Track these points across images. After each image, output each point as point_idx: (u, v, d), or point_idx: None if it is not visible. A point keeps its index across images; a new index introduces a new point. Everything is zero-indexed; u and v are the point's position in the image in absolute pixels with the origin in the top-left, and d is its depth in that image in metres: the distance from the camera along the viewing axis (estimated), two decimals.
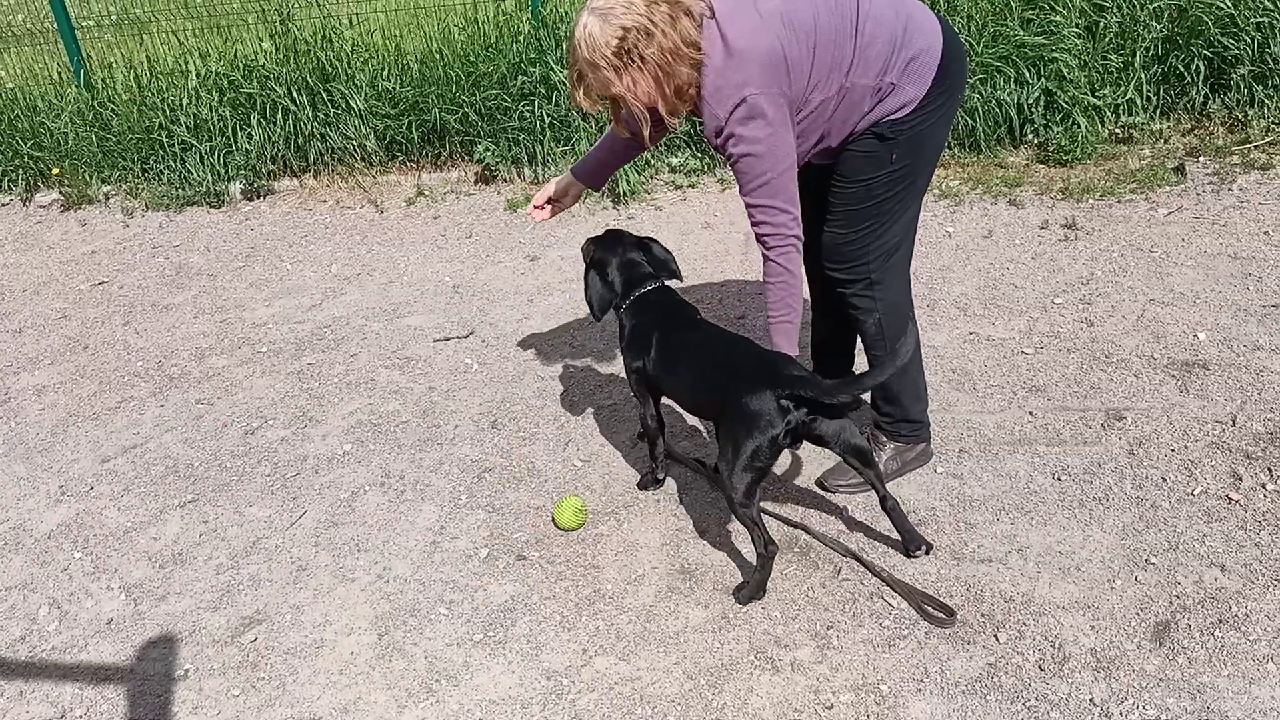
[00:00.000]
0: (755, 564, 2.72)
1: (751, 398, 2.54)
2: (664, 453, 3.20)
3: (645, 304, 3.01)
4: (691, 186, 5.38)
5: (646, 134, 2.66)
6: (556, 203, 3.19)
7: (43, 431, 3.94)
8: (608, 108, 2.69)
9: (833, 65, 2.56)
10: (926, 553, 2.80)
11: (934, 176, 5.07)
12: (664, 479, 3.23)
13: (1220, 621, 2.50)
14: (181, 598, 3.01)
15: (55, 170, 6.36)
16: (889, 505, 2.76)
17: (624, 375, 3.82)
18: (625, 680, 2.55)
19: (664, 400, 3.06)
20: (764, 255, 2.69)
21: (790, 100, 2.54)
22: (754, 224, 2.68)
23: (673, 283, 3.11)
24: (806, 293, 3.02)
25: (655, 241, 3.13)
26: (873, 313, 2.90)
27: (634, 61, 2.47)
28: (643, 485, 3.24)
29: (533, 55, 5.64)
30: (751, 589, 2.73)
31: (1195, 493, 2.93)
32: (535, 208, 3.19)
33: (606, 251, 3.08)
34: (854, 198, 2.75)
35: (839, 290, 2.93)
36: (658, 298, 3.02)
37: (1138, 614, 2.55)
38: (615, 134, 2.95)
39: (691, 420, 3.53)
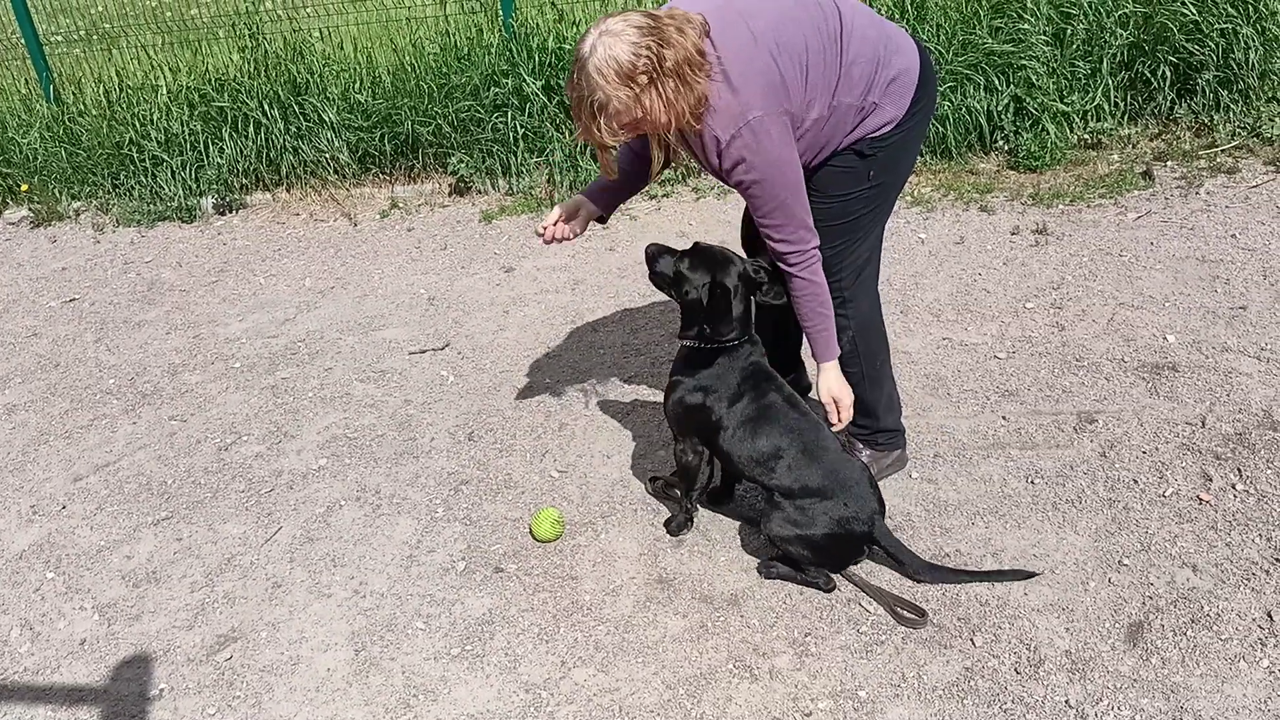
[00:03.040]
0: (800, 578, 2.82)
1: (855, 524, 2.67)
2: (707, 496, 3.14)
3: (735, 351, 2.82)
4: (666, 196, 5.39)
5: (660, 162, 2.62)
6: (568, 223, 2.94)
7: (13, 450, 3.90)
8: (621, 142, 2.57)
9: (823, 86, 2.55)
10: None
11: (907, 183, 5.12)
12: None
13: (1193, 621, 2.53)
14: (156, 616, 2.99)
15: (24, 187, 6.30)
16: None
17: (599, 386, 3.83)
18: (604, 691, 2.55)
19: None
20: (786, 272, 2.67)
21: (793, 118, 2.52)
22: (773, 244, 2.64)
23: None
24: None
25: (766, 272, 2.82)
26: (845, 330, 2.88)
27: (655, 78, 2.36)
28: (675, 528, 3.05)
29: (504, 67, 5.63)
30: (785, 576, 2.85)
31: (1166, 494, 2.95)
32: (544, 228, 2.94)
33: (726, 272, 2.79)
34: (830, 214, 2.74)
35: None
36: (749, 350, 2.85)
37: (1111, 615, 2.58)
38: (607, 178, 2.84)
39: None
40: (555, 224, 2.92)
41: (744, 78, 2.44)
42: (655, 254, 2.87)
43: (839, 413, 2.83)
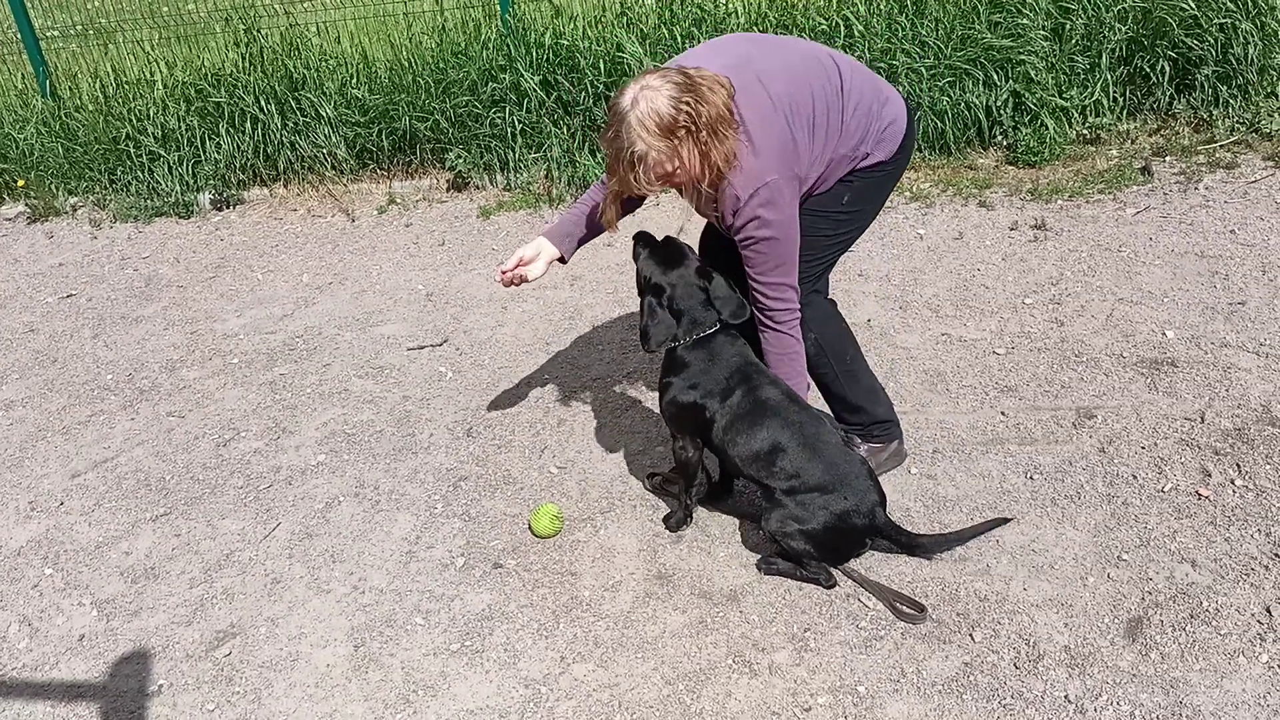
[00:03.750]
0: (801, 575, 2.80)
1: (856, 517, 2.68)
2: (706, 492, 3.14)
3: (710, 346, 2.84)
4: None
5: (695, 206, 2.74)
6: (527, 266, 2.94)
7: (11, 447, 3.89)
8: (654, 191, 2.66)
9: (825, 143, 2.69)
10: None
11: (905, 179, 5.11)
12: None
13: (1192, 617, 2.53)
14: (154, 612, 2.99)
15: (21, 182, 6.29)
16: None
17: (598, 382, 3.83)
18: (603, 687, 2.55)
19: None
20: (772, 328, 2.78)
21: (801, 181, 2.66)
22: (763, 300, 2.74)
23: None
24: None
25: (717, 274, 2.86)
26: (808, 335, 2.91)
27: (692, 131, 2.47)
28: (674, 524, 3.05)
29: (502, 62, 5.62)
30: (789, 572, 2.82)
31: (1165, 489, 2.95)
32: (504, 272, 2.95)
33: (669, 272, 2.86)
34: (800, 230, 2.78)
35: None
36: (729, 345, 2.85)
37: (1111, 610, 2.58)
38: (609, 231, 2.90)
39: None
40: (516, 267, 2.93)
41: (763, 141, 2.59)
42: (638, 241, 3.00)
43: None
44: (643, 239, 2.99)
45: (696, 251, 2.97)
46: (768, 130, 2.58)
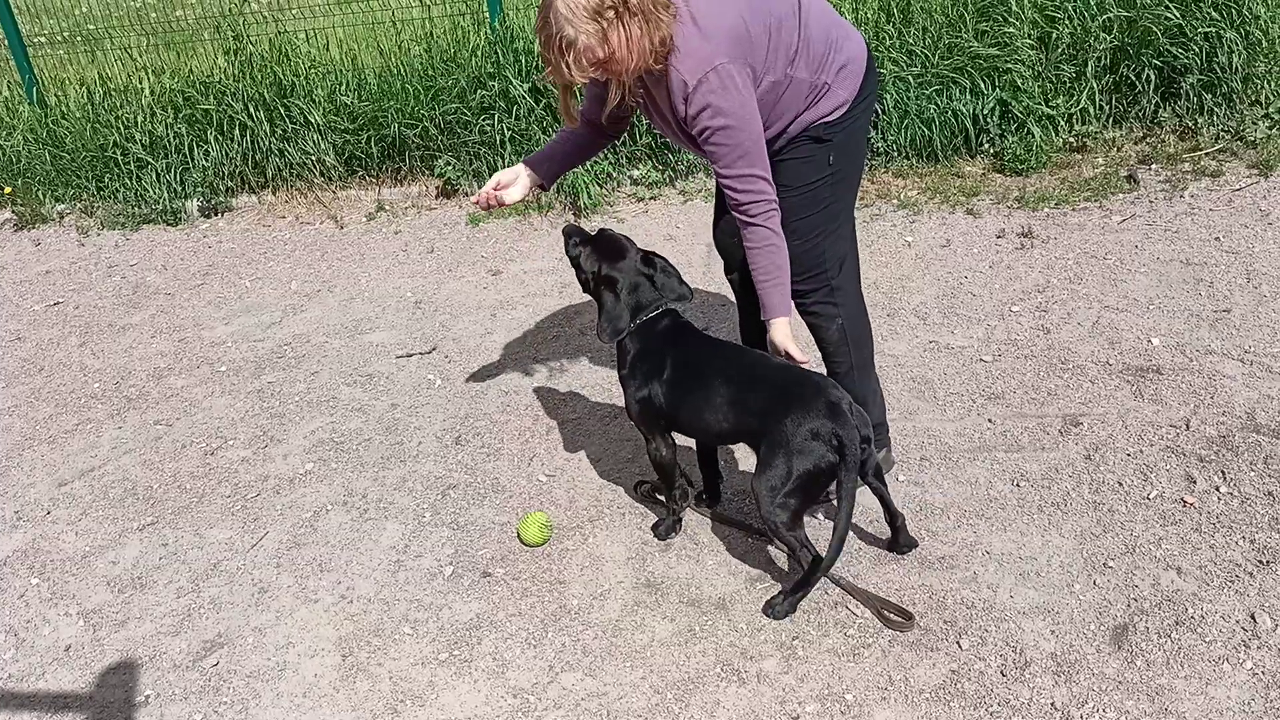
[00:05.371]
0: (801, 578, 2.70)
1: (810, 425, 2.56)
2: (694, 500, 3.12)
3: (652, 329, 2.87)
4: (654, 199, 5.40)
5: (615, 100, 2.65)
6: (504, 190, 2.98)
7: None
8: (588, 79, 2.63)
9: (784, 53, 2.64)
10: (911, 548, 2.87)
11: (892, 187, 5.14)
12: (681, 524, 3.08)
13: (1177, 624, 2.54)
14: (141, 622, 2.98)
15: (7, 189, 6.26)
16: (900, 522, 2.82)
17: (587, 390, 3.83)
18: (592, 696, 2.55)
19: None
20: (747, 223, 2.71)
21: (755, 73, 2.60)
22: (734, 195, 2.68)
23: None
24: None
25: (658, 255, 2.93)
26: (835, 319, 2.94)
27: (620, 14, 2.43)
28: (663, 532, 3.05)
29: (491, 69, 5.63)
30: (791, 603, 2.71)
31: (1151, 496, 2.97)
32: (481, 195, 3.00)
33: (612, 262, 2.88)
34: (802, 206, 2.80)
35: (799, 303, 2.95)
36: (667, 322, 2.88)
37: (1097, 618, 2.59)
38: (568, 125, 2.91)
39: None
40: (494, 189, 2.98)
41: (714, 25, 2.54)
42: (568, 234, 2.97)
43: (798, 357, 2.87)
44: (576, 234, 2.96)
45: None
46: (720, 18, 2.53)
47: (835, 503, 2.63)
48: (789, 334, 2.77)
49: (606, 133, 3.02)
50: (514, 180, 2.99)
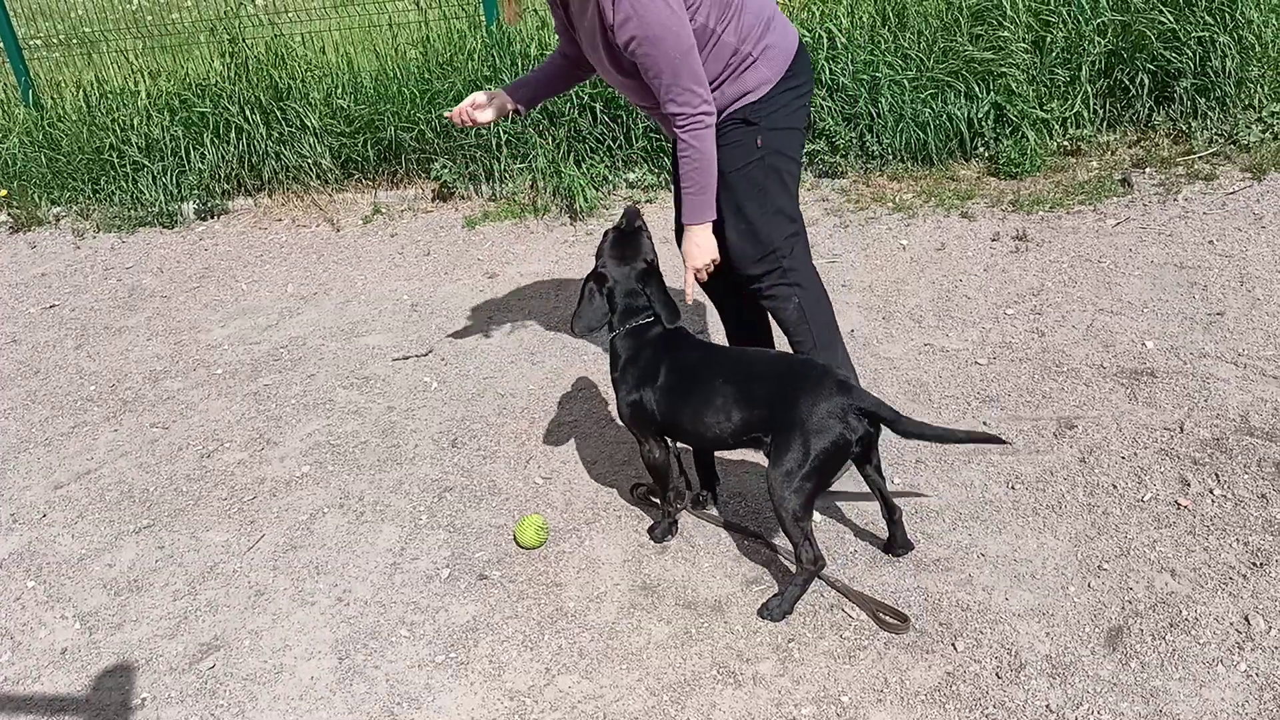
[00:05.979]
0: (795, 579, 2.70)
1: (825, 404, 2.56)
2: (690, 502, 3.10)
3: (644, 334, 2.87)
4: (649, 201, 5.40)
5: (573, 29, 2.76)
6: (480, 109, 3.09)
7: None
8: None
9: (719, 2, 2.72)
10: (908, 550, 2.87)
11: (887, 190, 5.15)
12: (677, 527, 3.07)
13: (1171, 626, 2.55)
14: (138, 625, 2.98)
15: (3, 192, 6.26)
16: (897, 516, 2.82)
17: (583, 393, 3.83)
18: (588, 698, 2.56)
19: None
20: (675, 135, 2.77)
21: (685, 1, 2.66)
22: (670, 107, 2.73)
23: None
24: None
25: (657, 275, 2.90)
26: (791, 298, 2.99)
27: None
28: (659, 535, 3.03)
29: (487, 72, 5.64)
30: (786, 604, 2.70)
31: (1145, 499, 2.98)
32: (455, 110, 3.13)
33: (618, 264, 2.86)
34: (739, 190, 2.88)
35: (754, 288, 3.01)
36: (659, 328, 2.87)
37: (1091, 620, 2.60)
38: (555, 57, 3.05)
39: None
40: (470, 107, 3.09)
41: None
42: (629, 214, 2.95)
43: (692, 272, 2.93)
44: (635, 216, 2.93)
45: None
46: None
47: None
48: (700, 241, 2.86)
49: (582, 65, 3.08)
50: (489, 101, 3.10)
